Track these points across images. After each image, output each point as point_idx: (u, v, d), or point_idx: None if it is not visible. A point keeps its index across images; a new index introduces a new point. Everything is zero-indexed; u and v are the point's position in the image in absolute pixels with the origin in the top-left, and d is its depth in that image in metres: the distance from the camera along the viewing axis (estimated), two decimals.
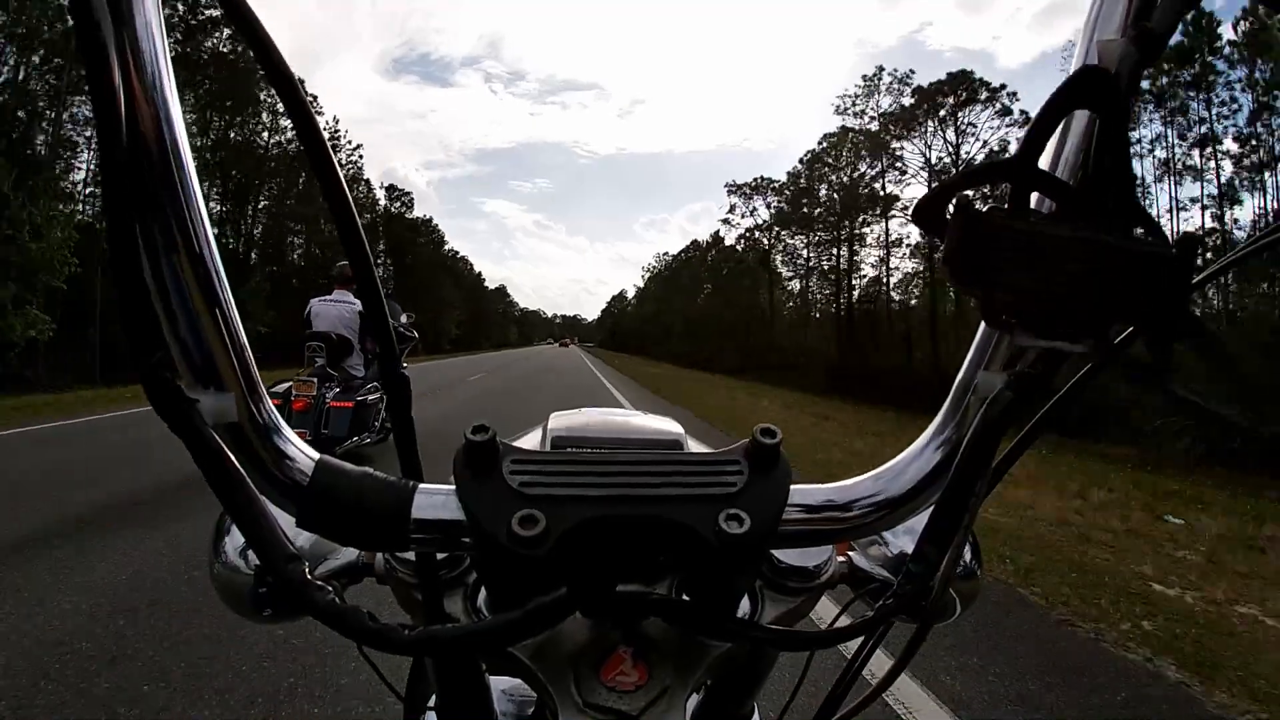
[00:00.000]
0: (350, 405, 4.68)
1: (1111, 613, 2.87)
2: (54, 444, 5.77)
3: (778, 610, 0.42)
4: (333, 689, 1.92)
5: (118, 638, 2.17)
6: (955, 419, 0.33)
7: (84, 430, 6.53)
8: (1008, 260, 0.23)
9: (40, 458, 5.14)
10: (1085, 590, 3.13)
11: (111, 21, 0.23)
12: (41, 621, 2.27)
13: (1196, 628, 2.76)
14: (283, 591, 0.27)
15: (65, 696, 1.83)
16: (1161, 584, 3.35)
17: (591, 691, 0.32)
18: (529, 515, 0.27)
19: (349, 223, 0.28)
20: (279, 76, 0.26)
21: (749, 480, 0.30)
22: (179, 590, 2.56)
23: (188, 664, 2.03)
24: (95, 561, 2.82)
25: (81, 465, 4.82)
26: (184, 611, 2.37)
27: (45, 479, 4.32)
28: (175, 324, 0.27)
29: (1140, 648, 2.55)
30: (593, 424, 0.53)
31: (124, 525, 3.33)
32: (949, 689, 2.12)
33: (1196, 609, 3.02)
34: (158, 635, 2.20)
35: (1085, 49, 0.29)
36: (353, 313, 5.05)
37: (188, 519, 3.42)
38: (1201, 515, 5.39)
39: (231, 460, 0.27)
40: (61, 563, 2.79)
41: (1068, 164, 0.29)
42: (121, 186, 0.24)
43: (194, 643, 2.16)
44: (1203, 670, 2.37)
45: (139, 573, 2.73)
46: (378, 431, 5.17)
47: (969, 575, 0.45)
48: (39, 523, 3.31)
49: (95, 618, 2.30)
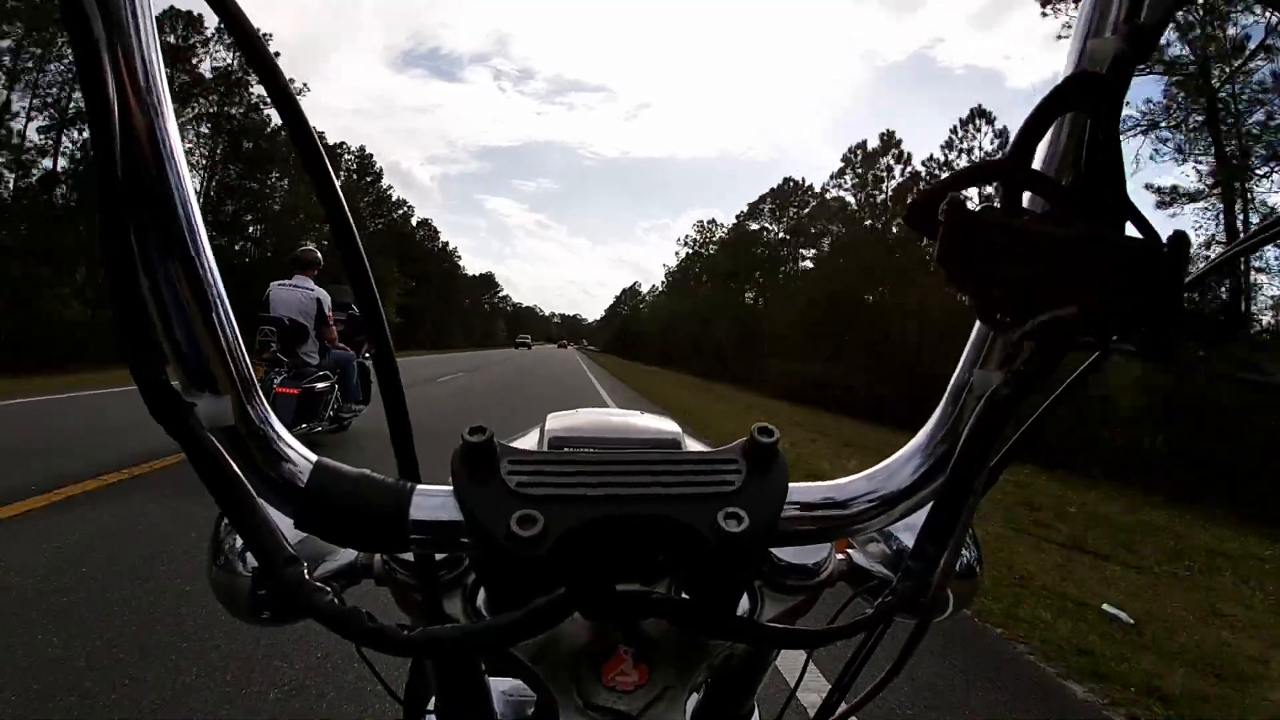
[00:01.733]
0: (295, 392, 4.54)
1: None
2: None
3: (777, 608, 0.42)
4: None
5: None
6: (952, 417, 0.33)
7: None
8: (1001, 259, 0.24)
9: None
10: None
11: (104, 26, 0.23)
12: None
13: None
14: (281, 593, 0.27)
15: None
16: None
17: (592, 692, 0.32)
18: (527, 515, 0.27)
19: (338, 212, 0.28)
20: (262, 66, 0.26)
21: (747, 479, 0.30)
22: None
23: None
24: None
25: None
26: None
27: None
28: (170, 327, 0.27)
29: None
30: (590, 424, 0.54)
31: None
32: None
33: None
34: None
35: (1077, 47, 0.29)
36: (310, 299, 4.89)
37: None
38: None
39: (228, 463, 0.27)
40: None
41: (1059, 163, 0.29)
42: (116, 190, 0.24)
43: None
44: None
45: None
46: (329, 421, 5.06)
47: (969, 573, 0.45)
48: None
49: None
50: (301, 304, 4.85)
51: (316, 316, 4.91)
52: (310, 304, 4.88)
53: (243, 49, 0.26)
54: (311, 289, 4.93)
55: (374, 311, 0.30)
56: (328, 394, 5.00)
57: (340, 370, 5.25)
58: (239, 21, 0.26)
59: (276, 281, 5.01)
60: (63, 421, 5.91)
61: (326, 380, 4.99)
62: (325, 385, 4.95)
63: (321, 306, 4.94)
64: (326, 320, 5.01)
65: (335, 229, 0.28)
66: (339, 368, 5.23)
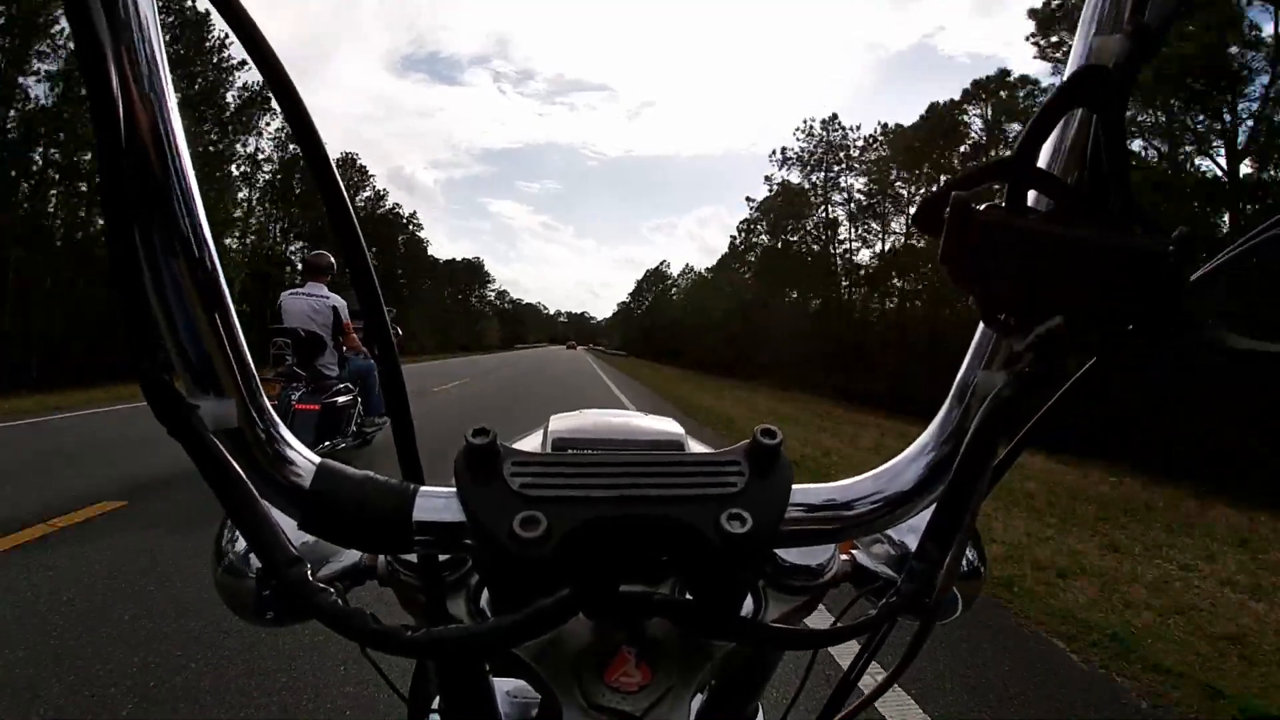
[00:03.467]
0: (316, 408, 4.16)
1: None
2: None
3: (781, 609, 0.42)
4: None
5: None
6: (956, 418, 0.33)
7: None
8: (1006, 259, 0.23)
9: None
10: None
11: (108, 26, 0.23)
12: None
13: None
14: (286, 594, 0.27)
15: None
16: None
17: (595, 692, 0.32)
18: (530, 517, 0.27)
19: (343, 215, 0.28)
20: (269, 68, 0.26)
21: (750, 480, 0.30)
22: None
23: None
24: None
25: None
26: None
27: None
28: (175, 329, 0.27)
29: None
30: (593, 425, 0.53)
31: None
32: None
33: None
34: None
35: (1082, 46, 0.29)
36: (325, 307, 4.50)
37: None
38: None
39: (233, 465, 0.27)
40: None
41: (1065, 162, 0.29)
42: (121, 191, 0.24)
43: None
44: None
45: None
46: (354, 436, 4.72)
47: (972, 574, 0.45)
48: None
49: None
50: (316, 313, 4.48)
51: (334, 325, 4.56)
52: (326, 312, 4.52)
53: (246, 48, 0.26)
54: (327, 296, 4.57)
55: (377, 313, 0.30)
56: (350, 408, 4.66)
57: (361, 381, 4.90)
58: (242, 22, 0.25)
59: (288, 290, 4.63)
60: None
61: (348, 393, 4.64)
62: (347, 399, 4.60)
63: (339, 314, 4.58)
64: (345, 328, 4.65)
65: (335, 226, 0.28)
66: (360, 379, 4.88)
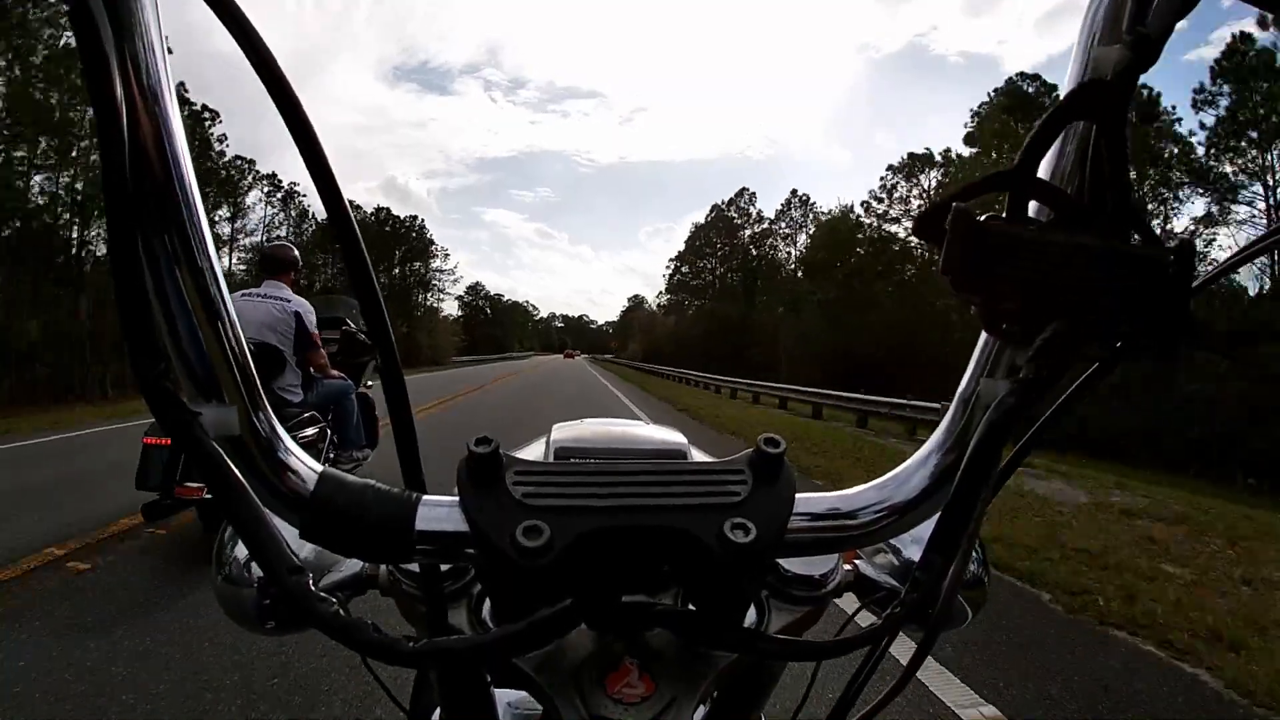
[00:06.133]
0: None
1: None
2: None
3: (784, 620, 0.42)
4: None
5: None
6: (959, 426, 0.33)
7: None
8: (1007, 268, 0.23)
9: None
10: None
11: (113, 33, 0.23)
12: None
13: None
14: (286, 603, 0.27)
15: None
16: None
17: (597, 704, 0.32)
18: (533, 526, 0.27)
19: (343, 221, 0.28)
20: (269, 74, 0.26)
21: (753, 489, 0.30)
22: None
23: None
24: None
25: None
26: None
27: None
28: (177, 336, 0.27)
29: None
30: (595, 434, 0.53)
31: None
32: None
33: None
34: None
35: (1082, 54, 0.29)
36: (286, 312, 3.40)
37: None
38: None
39: (234, 472, 0.27)
40: None
41: (1065, 172, 0.29)
42: (124, 199, 0.24)
43: None
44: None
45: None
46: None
47: (976, 583, 0.44)
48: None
49: None
50: (274, 320, 3.36)
51: (296, 336, 3.43)
52: (286, 319, 3.40)
53: (250, 58, 0.26)
54: (288, 299, 3.46)
55: (379, 315, 0.29)
56: (318, 441, 3.59)
57: (335, 407, 3.82)
58: (241, 25, 0.25)
59: (239, 292, 3.50)
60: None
61: (315, 424, 3.57)
62: (313, 431, 3.54)
63: (303, 322, 3.45)
64: (311, 340, 3.52)
65: (335, 224, 0.28)
66: (332, 404, 3.80)
